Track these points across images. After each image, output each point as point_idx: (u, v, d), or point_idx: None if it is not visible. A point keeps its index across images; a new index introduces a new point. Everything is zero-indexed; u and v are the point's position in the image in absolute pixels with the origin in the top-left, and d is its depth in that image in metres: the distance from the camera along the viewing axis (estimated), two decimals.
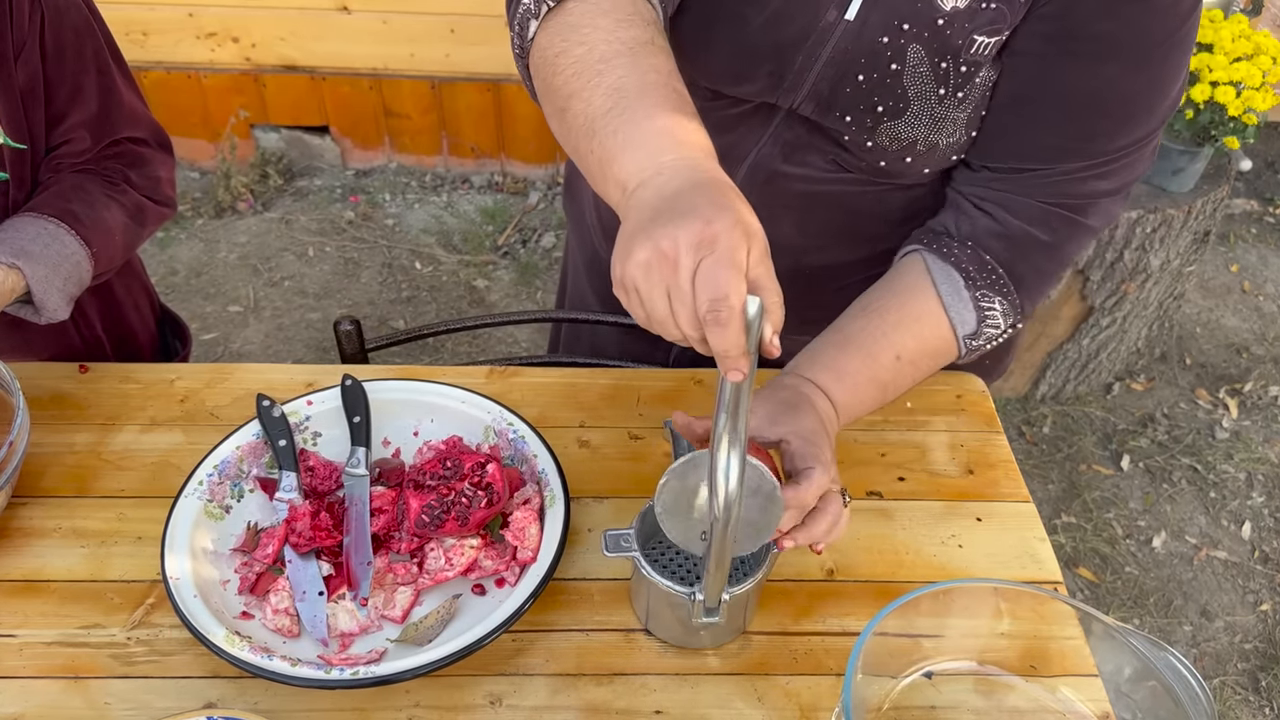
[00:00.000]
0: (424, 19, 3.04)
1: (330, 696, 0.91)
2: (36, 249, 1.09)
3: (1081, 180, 0.99)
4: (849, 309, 1.06)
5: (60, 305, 1.12)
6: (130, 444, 1.14)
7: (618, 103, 0.78)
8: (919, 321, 1.03)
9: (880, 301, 1.04)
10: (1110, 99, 0.95)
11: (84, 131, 1.19)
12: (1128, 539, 2.44)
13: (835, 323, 1.05)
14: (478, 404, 1.11)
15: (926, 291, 1.03)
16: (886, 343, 1.02)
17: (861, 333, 1.02)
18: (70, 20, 1.15)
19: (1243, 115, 2.28)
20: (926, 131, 1.02)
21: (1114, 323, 2.63)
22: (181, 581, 0.93)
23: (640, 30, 0.84)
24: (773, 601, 1.00)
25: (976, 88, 1.00)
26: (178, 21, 3.05)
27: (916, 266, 1.05)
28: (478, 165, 3.39)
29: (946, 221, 1.07)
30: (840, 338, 1.03)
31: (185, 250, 3.11)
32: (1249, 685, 2.15)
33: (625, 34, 0.83)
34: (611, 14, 0.85)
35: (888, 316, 1.03)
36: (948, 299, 1.03)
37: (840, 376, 1.01)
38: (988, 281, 1.03)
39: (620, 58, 0.81)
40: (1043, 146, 0.99)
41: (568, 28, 0.87)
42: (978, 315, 1.03)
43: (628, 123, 0.77)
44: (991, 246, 1.03)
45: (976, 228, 1.04)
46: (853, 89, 1.01)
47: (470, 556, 0.98)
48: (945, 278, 1.03)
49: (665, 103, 0.78)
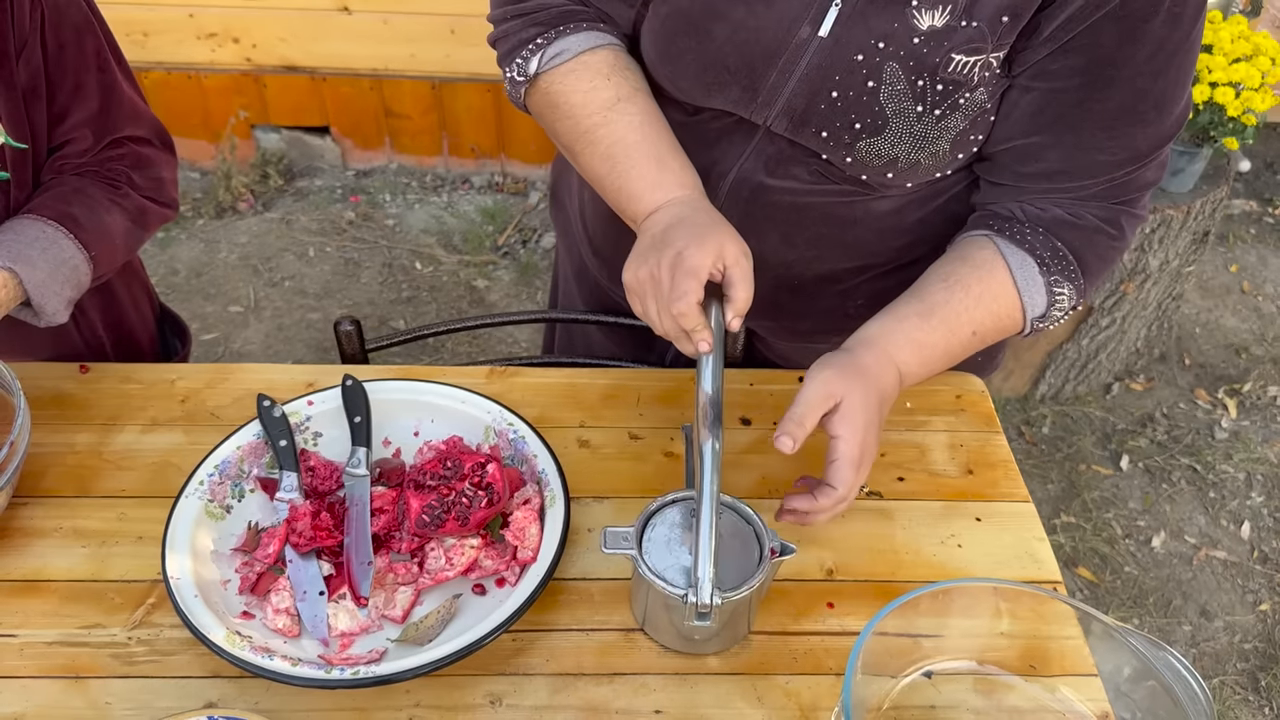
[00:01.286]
0: (424, 19, 3.05)
1: (330, 696, 0.91)
2: (35, 253, 1.09)
3: (1133, 178, 1.04)
4: (927, 277, 1.05)
5: (59, 309, 1.12)
6: (131, 444, 1.14)
7: (612, 168, 1.04)
8: (997, 300, 1.03)
9: (960, 274, 1.04)
10: (1144, 108, 0.99)
11: (86, 130, 1.19)
12: (1127, 539, 2.44)
13: (916, 289, 1.05)
14: (478, 404, 1.11)
15: (1002, 271, 1.04)
16: (968, 317, 1.02)
17: (945, 305, 1.02)
18: (71, 18, 1.15)
19: (1242, 116, 2.28)
20: (908, 149, 1.02)
21: (1113, 323, 2.63)
22: (182, 581, 0.93)
23: (607, 92, 1.04)
24: (773, 601, 1.01)
25: (962, 108, 1.00)
26: (178, 22, 3.05)
27: (987, 247, 1.05)
28: (478, 165, 3.39)
29: (1011, 209, 1.07)
30: (924, 308, 1.02)
31: (186, 250, 3.11)
32: (1248, 685, 2.16)
33: (598, 101, 1.04)
34: (579, 87, 1.05)
35: (971, 290, 1.02)
36: (1021, 282, 1.03)
37: (920, 349, 1.01)
38: (1060, 268, 1.04)
39: (600, 129, 1.04)
40: (1095, 164, 1.02)
41: (548, 107, 1.09)
42: (1049, 299, 1.04)
43: (626, 182, 1.03)
44: (1064, 235, 1.04)
45: (1047, 216, 1.05)
46: (828, 106, 1.01)
47: (470, 556, 0.99)
48: (1020, 262, 1.04)
49: (646, 156, 1.03)
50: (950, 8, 0.94)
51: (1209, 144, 2.36)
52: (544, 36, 1.07)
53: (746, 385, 1.24)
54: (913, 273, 1.21)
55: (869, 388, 0.96)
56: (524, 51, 1.08)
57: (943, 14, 0.94)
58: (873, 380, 0.97)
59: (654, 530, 0.95)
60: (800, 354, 1.36)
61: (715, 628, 0.92)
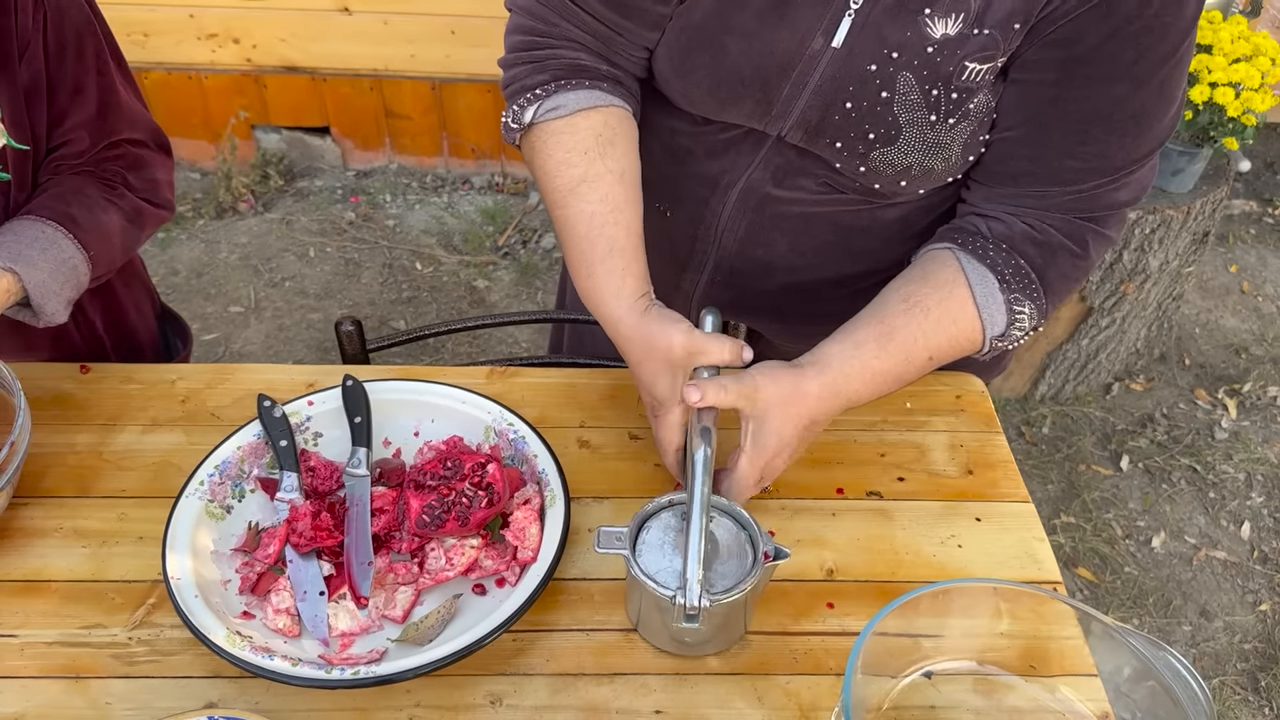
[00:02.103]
0: (424, 20, 3.05)
1: (331, 696, 0.91)
2: (35, 254, 1.09)
3: (1102, 194, 1.02)
4: (888, 297, 1.05)
5: (59, 309, 1.12)
6: (131, 444, 1.14)
7: (565, 254, 1.07)
8: (955, 323, 1.03)
9: (921, 295, 1.03)
10: (1121, 117, 0.97)
11: (83, 132, 1.19)
12: (1127, 539, 2.44)
13: (877, 310, 1.04)
14: (478, 404, 1.11)
15: (962, 290, 1.03)
16: (925, 343, 1.02)
17: (904, 330, 1.01)
18: (72, 19, 1.15)
19: (1242, 116, 2.28)
20: (921, 157, 1.02)
21: (1113, 323, 2.63)
22: (182, 581, 0.93)
23: (577, 169, 1.03)
24: (772, 601, 1.01)
25: (972, 113, 1.00)
26: (179, 22, 3.06)
27: (950, 264, 1.04)
28: (478, 166, 3.39)
29: (976, 223, 1.06)
30: (883, 331, 1.01)
31: (186, 251, 3.11)
32: (1248, 685, 2.16)
33: (563, 179, 1.04)
34: (554, 155, 1.05)
35: (930, 314, 1.02)
36: (981, 300, 1.03)
37: (873, 377, 1.01)
38: (1021, 286, 1.03)
39: (557, 209, 1.05)
40: (1063, 168, 1.01)
41: (532, 163, 1.10)
42: (1008, 318, 1.04)
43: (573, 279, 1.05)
44: (1026, 251, 1.03)
45: (1012, 231, 1.04)
46: (841, 117, 1.01)
47: (471, 556, 0.99)
48: (980, 279, 1.03)
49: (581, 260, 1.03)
50: (963, 16, 0.94)
51: (1209, 144, 2.36)
52: (544, 88, 1.06)
53: None
54: None
55: (797, 415, 0.97)
56: (523, 99, 1.07)
57: (955, 23, 0.94)
58: (806, 408, 0.98)
59: (649, 533, 0.95)
60: (794, 353, 1.36)
61: (706, 631, 0.92)
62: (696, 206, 1.17)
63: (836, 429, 1.19)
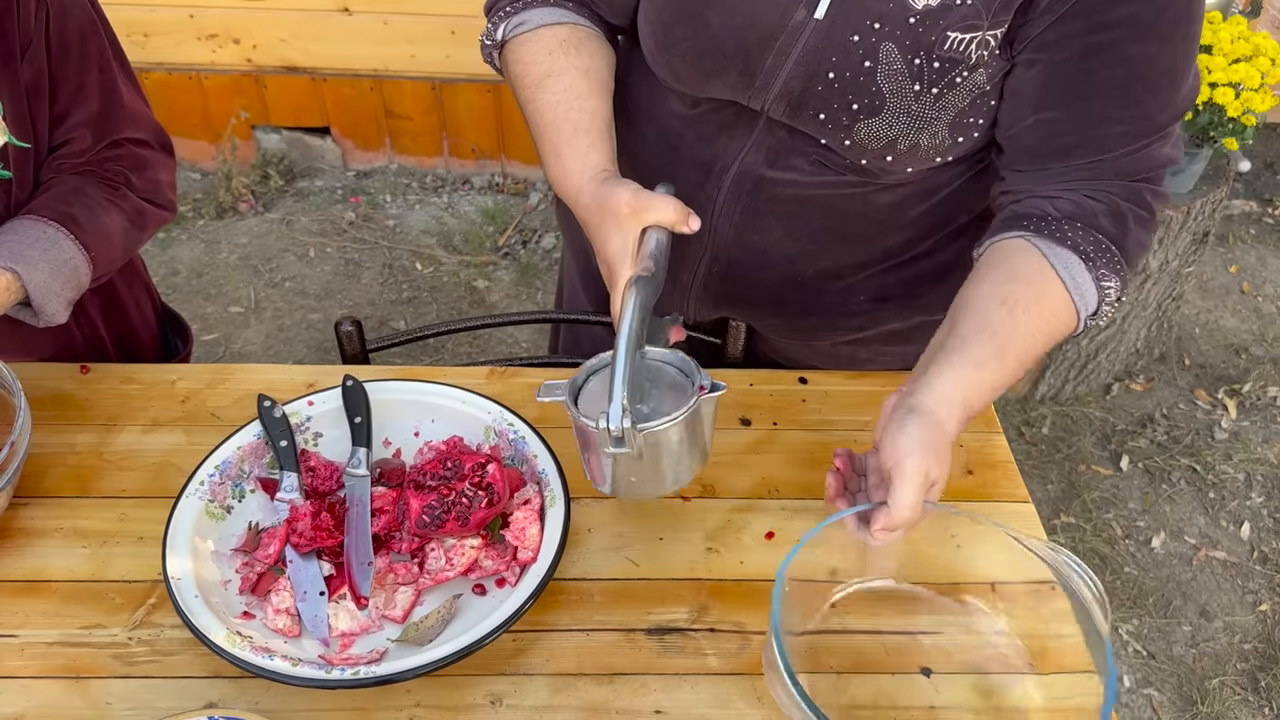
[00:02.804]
0: (424, 20, 3.05)
1: (331, 696, 0.91)
2: (35, 254, 1.09)
3: (1151, 153, 1.03)
4: (985, 302, 0.98)
5: (59, 309, 1.12)
6: (131, 444, 1.14)
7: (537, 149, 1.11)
8: (1056, 316, 1.00)
9: (1018, 295, 0.98)
10: (1154, 75, 0.98)
11: (85, 131, 1.19)
12: (1127, 539, 2.44)
13: (982, 322, 0.97)
14: (478, 404, 1.11)
15: (1053, 280, 1.00)
16: (1033, 343, 0.98)
17: (1014, 338, 0.96)
18: (75, 18, 1.15)
19: (1242, 116, 2.28)
20: (906, 130, 1.02)
21: (1113, 323, 2.63)
22: (183, 581, 0.93)
23: (541, 66, 1.09)
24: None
25: (960, 87, 1.00)
26: (179, 23, 3.06)
27: (1032, 253, 1.01)
28: (478, 166, 3.39)
29: (1041, 205, 1.04)
30: (997, 347, 0.96)
31: (186, 251, 3.11)
32: (1248, 685, 2.16)
33: (530, 77, 1.10)
34: (521, 58, 1.11)
35: (1031, 313, 0.98)
36: (1071, 285, 1.00)
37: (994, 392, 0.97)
38: (1105, 261, 1.02)
39: (528, 105, 1.10)
40: (1110, 135, 1.01)
41: (506, 75, 1.16)
42: (1099, 295, 1.02)
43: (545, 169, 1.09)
44: (1101, 225, 1.02)
45: (1081, 208, 1.02)
46: (825, 87, 1.01)
47: (471, 557, 0.99)
48: (1065, 263, 1.00)
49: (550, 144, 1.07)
50: None
51: (1209, 144, 2.36)
52: (513, 5, 1.14)
53: (747, 385, 1.24)
54: (915, 269, 1.22)
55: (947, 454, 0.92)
56: (496, 16, 1.15)
57: None
58: (949, 445, 0.93)
59: (591, 383, 0.98)
60: (801, 351, 1.36)
61: (645, 465, 0.92)
62: (691, 193, 1.17)
63: (837, 429, 1.19)
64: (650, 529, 1.07)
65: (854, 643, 0.98)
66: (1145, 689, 2.14)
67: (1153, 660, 2.20)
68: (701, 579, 1.03)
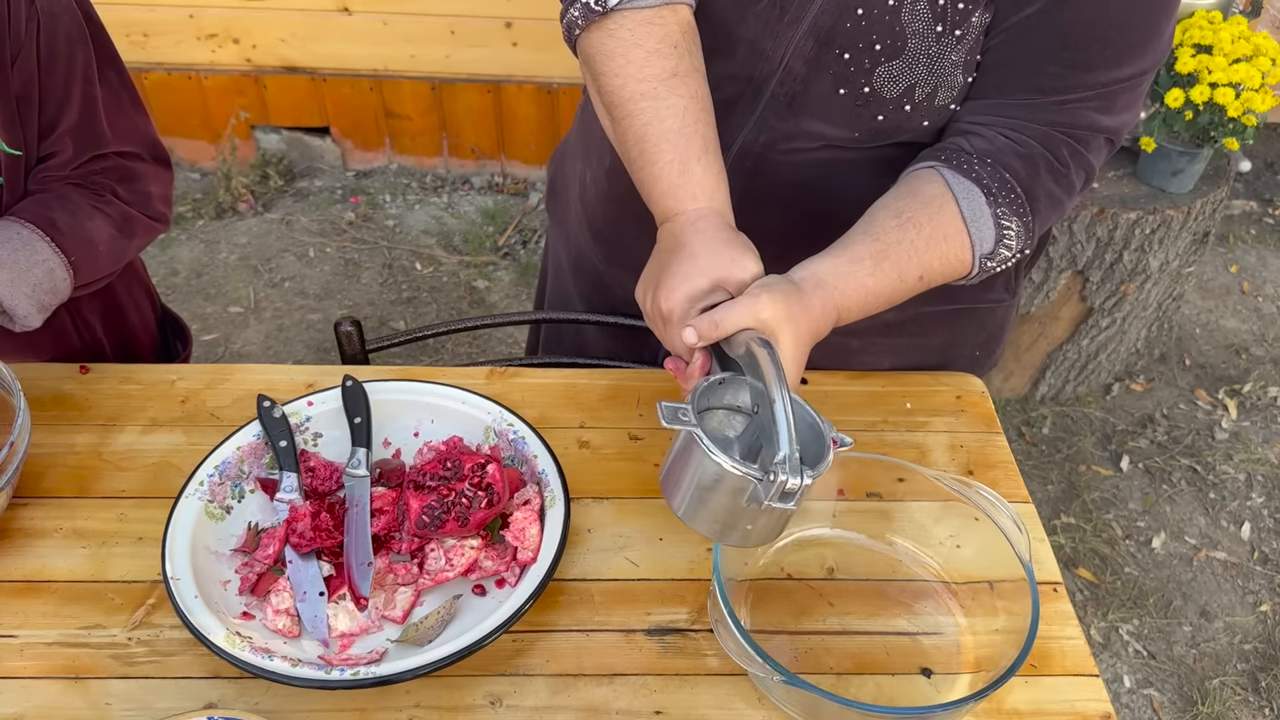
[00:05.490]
0: (424, 20, 3.05)
1: (330, 697, 0.91)
2: (5, 254, 1.08)
3: (1085, 111, 1.02)
4: (878, 213, 1.02)
5: (31, 312, 1.11)
6: (131, 445, 1.14)
7: (641, 153, 0.99)
8: (946, 241, 1.01)
9: (911, 211, 1.01)
10: (1107, 28, 0.98)
11: (68, 140, 1.17)
12: (1127, 539, 2.44)
13: (869, 227, 1.00)
14: (478, 405, 1.11)
15: (950, 207, 1.01)
16: (918, 260, 1.00)
17: (897, 247, 0.99)
18: (64, 27, 1.14)
19: (1242, 116, 2.28)
20: (924, 73, 1.03)
21: (1113, 323, 2.63)
22: (182, 582, 0.93)
23: (669, 60, 0.98)
24: (773, 601, 1.01)
25: (973, 27, 1.01)
26: (178, 23, 3.06)
27: (935, 180, 1.03)
28: (478, 166, 3.39)
29: (958, 141, 1.05)
30: (878, 249, 0.99)
31: (186, 251, 3.11)
32: (1249, 685, 2.16)
33: (654, 69, 0.98)
34: (644, 44, 0.99)
35: (922, 230, 1.00)
36: (969, 215, 1.01)
37: (867, 295, 0.98)
38: (1007, 200, 1.02)
39: (645, 99, 0.98)
40: (1047, 75, 1.01)
41: (605, 54, 1.01)
42: (996, 234, 1.02)
43: (648, 176, 1.00)
44: (1011, 165, 1.02)
45: (995, 145, 1.03)
46: (853, 24, 1.01)
47: (470, 557, 0.99)
48: (966, 193, 1.02)
49: (674, 154, 0.98)
50: None
51: (1209, 144, 2.36)
52: None
53: None
54: None
55: (804, 331, 0.93)
56: None
57: None
58: (811, 324, 0.94)
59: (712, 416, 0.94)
60: None
61: (776, 519, 0.88)
62: None
63: (836, 429, 1.19)
64: (650, 529, 1.07)
65: (854, 643, 0.98)
66: (1145, 689, 2.14)
67: (1153, 660, 2.20)
68: (701, 579, 1.03)
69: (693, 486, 0.89)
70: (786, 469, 0.82)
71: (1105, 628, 2.25)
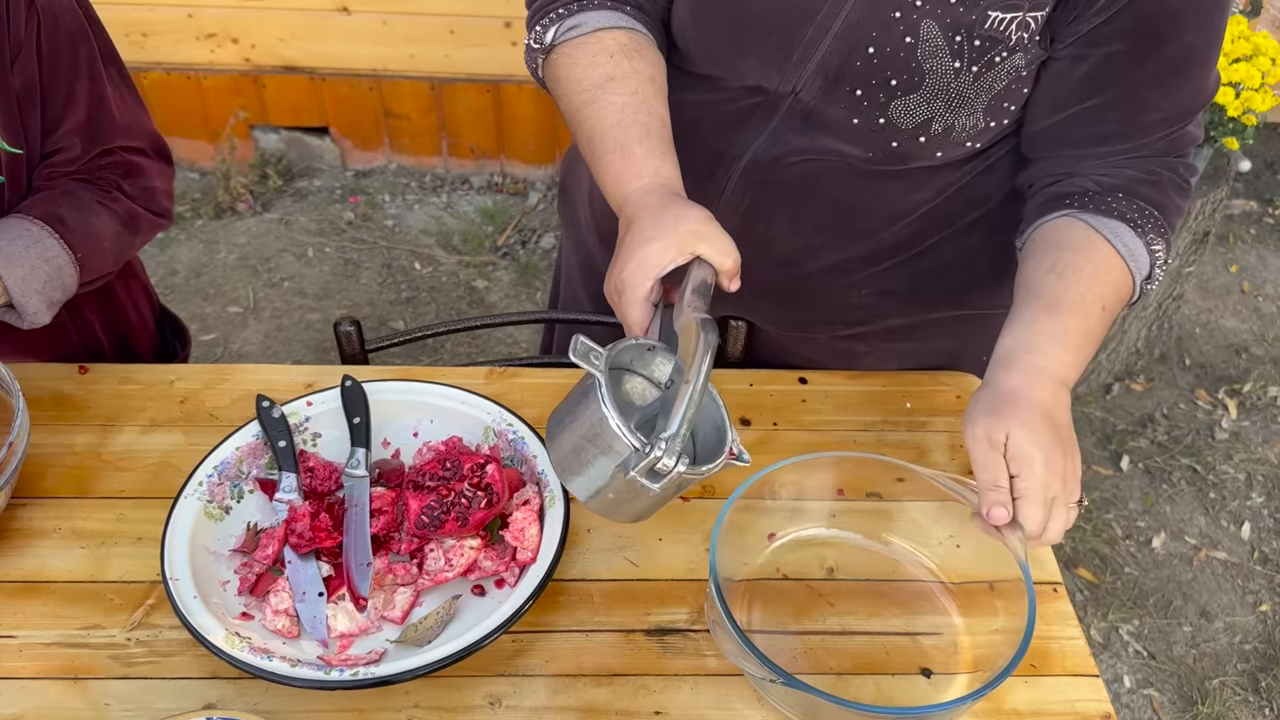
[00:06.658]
0: (424, 20, 3.04)
1: (330, 697, 0.91)
2: (15, 250, 1.08)
3: (1184, 134, 1.06)
4: (1032, 275, 1.01)
5: (40, 309, 1.11)
6: (130, 445, 1.14)
7: (592, 151, 1.04)
8: (1111, 273, 1.02)
9: (1065, 261, 1.01)
10: (1191, 64, 1.01)
11: (75, 138, 1.18)
12: (1127, 539, 2.44)
13: (1028, 290, 1.00)
14: (477, 405, 1.11)
15: (1102, 244, 1.03)
16: (1093, 295, 1.00)
17: (1067, 293, 0.99)
18: (65, 25, 1.14)
19: (1242, 116, 2.28)
20: (942, 107, 1.03)
21: (1113, 323, 2.63)
22: (181, 582, 0.93)
23: (604, 69, 1.04)
24: (773, 601, 1.01)
25: (998, 68, 1.01)
26: (177, 22, 3.05)
27: (1077, 226, 1.04)
28: (477, 166, 3.39)
29: (1081, 184, 1.06)
30: (1047, 302, 0.98)
31: (185, 251, 3.11)
32: (1249, 686, 2.15)
33: (591, 79, 1.05)
34: (580, 61, 1.06)
35: (1083, 271, 1.00)
36: (1123, 250, 1.03)
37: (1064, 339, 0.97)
38: (1151, 225, 1.04)
39: (588, 106, 1.04)
40: (1149, 123, 1.04)
41: (554, 81, 1.10)
42: (1150, 259, 1.05)
43: (599, 172, 1.03)
44: (1143, 193, 1.05)
45: (1122, 179, 1.05)
46: (863, 62, 1.02)
47: (470, 557, 0.99)
48: (1113, 231, 1.03)
49: (615, 145, 1.02)
50: None
51: (1209, 144, 2.35)
52: (566, 8, 1.09)
53: (746, 385, 1.24)
54: (919, 265, 1.21)
55: (1028, 413, 0.91)
56: (545, 19, 1.10)
57: None
58: (1027, 403, 0.92)
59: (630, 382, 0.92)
60: (801, 345, 1.35)
61: (650, 498, 0.85)
62: (701, 183, 1.16)
63: (836, 429, 1.19)
64: (650, 529, 1.07)
65: (854, 643, 0.98)
66: (1145, 689, 2.14)
67: (1153, 660, 2.19)
68: (701, 579, 1.03)
69: (575, 431, 0.87)
70: (664, 446, 0.81)
71: (1105, 628, 2.25)
